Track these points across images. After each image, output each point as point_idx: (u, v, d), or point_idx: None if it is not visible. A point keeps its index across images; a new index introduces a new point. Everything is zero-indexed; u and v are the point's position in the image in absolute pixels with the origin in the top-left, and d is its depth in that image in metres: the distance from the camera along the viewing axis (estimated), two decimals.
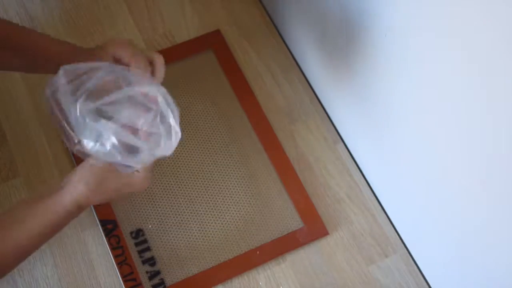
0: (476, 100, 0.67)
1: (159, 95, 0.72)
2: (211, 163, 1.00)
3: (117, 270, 0.93)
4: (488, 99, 0.65)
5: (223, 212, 0.97)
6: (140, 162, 0.73)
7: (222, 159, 1.01)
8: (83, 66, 0.72)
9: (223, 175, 1.00)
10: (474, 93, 0.67)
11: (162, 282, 0.92)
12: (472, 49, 0.64)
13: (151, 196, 0.97)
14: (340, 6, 0.88)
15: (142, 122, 0.72)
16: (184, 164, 1.00)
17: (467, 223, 0.79)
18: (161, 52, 1.07)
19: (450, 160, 0.77)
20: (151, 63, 0.81)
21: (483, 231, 0.76)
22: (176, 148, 0.72)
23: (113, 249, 0.94)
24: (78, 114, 0.70)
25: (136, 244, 0.94)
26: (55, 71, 0.72)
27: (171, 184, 0.98)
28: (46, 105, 0.71)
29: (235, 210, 0.97)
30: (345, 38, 0.91)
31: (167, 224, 0.96)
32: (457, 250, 0.84)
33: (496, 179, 0.70)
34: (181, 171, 0.99)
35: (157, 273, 0.93)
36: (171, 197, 0.97)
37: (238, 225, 0.97)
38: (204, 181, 0.99)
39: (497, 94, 0.63)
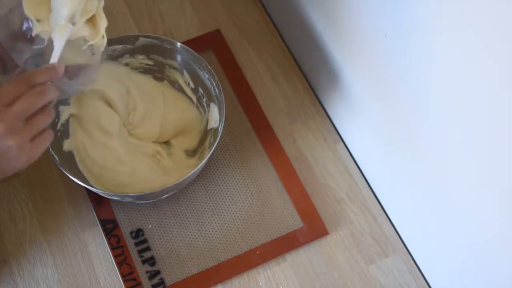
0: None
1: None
2: (211, 163, 1.00)
3: (117, 270, 0.93)
4: None
5: (223, 212, 0.97)
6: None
7: (221, 159, 1.01)
8: None
9: (223, 175, 1.00)
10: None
11: (162, 282, 0.92)
12: None
13: None
14: (342, 5, 0.88)
15: None
16: None
17: (467, 223, 0.79)
18: None
19: (453, 160, 0.77)
20: None
21: (484, 231, 0.76)
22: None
23: (113, 249, 0.94)
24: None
25: (136, 244, 0.95)
26: None
27: None
28: None
29: (235, 210, 0.97)
30: (346, 37, 0.91)
31: (167, 224, 0.96)
32: (457, 250, 0.84)
33: (498, 186, 0.70)
34: None
35: (157, 272, 0.93)
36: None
37: (238, 225, 0.97)
38: (204, 181, 0.99)
39: None
